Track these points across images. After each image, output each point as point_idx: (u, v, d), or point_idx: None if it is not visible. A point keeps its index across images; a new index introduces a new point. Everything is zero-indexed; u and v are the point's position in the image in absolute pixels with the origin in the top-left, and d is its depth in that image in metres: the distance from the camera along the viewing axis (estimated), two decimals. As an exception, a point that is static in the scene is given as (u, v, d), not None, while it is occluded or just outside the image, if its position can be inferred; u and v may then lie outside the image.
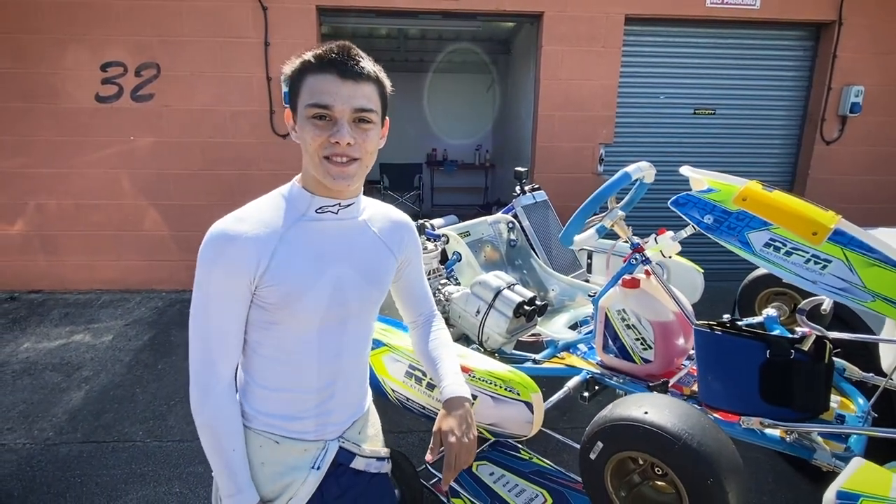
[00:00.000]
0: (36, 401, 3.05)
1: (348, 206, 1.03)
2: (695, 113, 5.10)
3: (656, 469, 1.24)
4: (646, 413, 1.19)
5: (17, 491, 2.34)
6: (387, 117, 1.03)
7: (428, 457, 1.08)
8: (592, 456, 1.27)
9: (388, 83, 1.01)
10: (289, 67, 0.96)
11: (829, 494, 0.98)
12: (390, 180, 7.94)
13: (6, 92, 4.33)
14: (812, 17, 4.78)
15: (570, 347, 2.12)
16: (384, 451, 1.21)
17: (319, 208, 1.00)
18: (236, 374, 1.07)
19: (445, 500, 2.06)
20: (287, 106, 1.00)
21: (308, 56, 0.93)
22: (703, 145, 5.17)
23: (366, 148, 0.96)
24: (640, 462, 1.27)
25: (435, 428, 1.10)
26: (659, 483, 1.27)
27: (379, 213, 1.13)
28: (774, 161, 5.28)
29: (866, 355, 1.97)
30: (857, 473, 1.03)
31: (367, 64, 0.94)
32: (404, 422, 2.74)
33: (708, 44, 4.94)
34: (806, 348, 1.39)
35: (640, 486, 1.26)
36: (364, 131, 0.95)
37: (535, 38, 4.92)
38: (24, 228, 4.61)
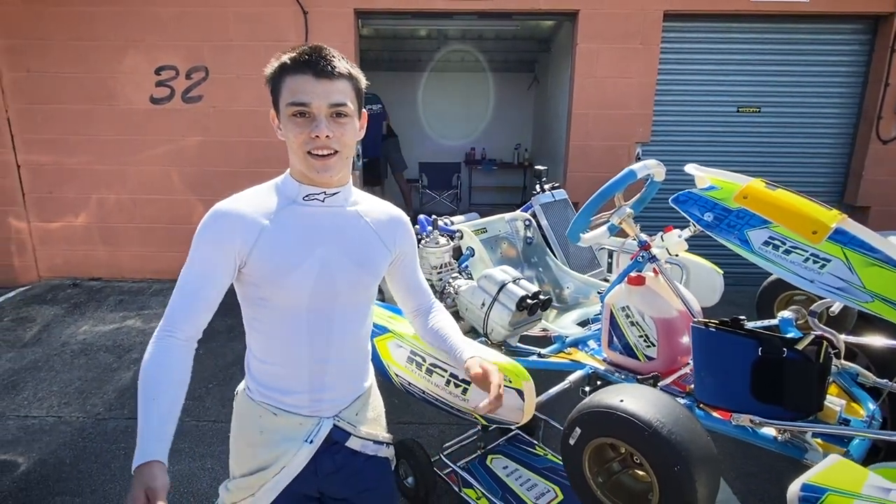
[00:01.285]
0: (90, 378, 3.32)
1: (334, 194, 1.10)
2: (738, 111, 4.93)
3: (635, 458, 1.26)
4: (621, 401, 1.22)
5: (70, 459, 2.57)
6: (363, 110, 1.11)
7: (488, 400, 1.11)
8: (571, 441, 1.31)
9: (361, 78, 1.08)
10: (268, 69, 1.05)
11: (794, 487, 0.99)
12: (429, 179, 8.05)
13: (71, 95, 4.71)
14: (868, 10, 4.53)
15: (578, 343, 2.14)
16: (383, 436, 1.25)
17: (306, 196, 1.09)
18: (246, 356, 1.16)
19: (458, 490, 2.12)
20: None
21: (285, 59, 1.02)
22: (747, 145, 4.99)
23: (343, 140, 1.04)
24: (622, 451, 1.30)
25: (475, 372, 1.16)
26: (639, 472, 1.29)
27: (374, 207, 1.19)
28: (825, 161, 5.03)
29: (892, 360, 1.90)
30: (828, 469, 1.02)
31: (340, 63, 1.02)
32: (426, 413, 2.82)
33: (752, 39, 4.77)
34: (801, 348, 1.37)
35: (619, 474, 1.29)
36: (341, 125, 1.03)
37: (571, 36, 4.89)
38: (87, 220, 4.99)
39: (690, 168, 1.70)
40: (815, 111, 4.91)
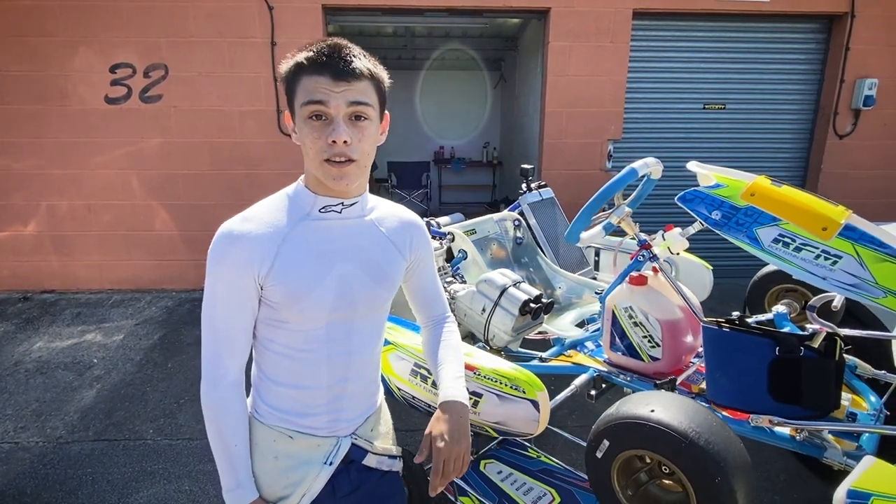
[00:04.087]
0: (48, 399, 3.08)
1: (352, 205, 1.03)
2: (704, 108, 5.04)
3: (663, 467, 1.22)
4: (652, 411, 1.18)
5: (30, 489, 2.37)
6: (386, 112, 1.03)
7: (417, 458, 1.07)
8: (599, 454, 1.26)
9: (384, 77, 1.00)
10: (284, 67, 0.96)
11: (840, 493, 0.97)
12: (398, 178, 7.95)
13: (18, 94, 4.39)
14: (824, 10, 4.70)
15: (577, 345, 2.10)
16: (396, 450, 1.21)
17: (323, 208, 1.01)
18: (250, 370, 1.08)
19: (453, 499, 2.05)
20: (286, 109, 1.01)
21: (301, 58, 0.93)
22: (713, 140, 5.11)
23: (362, 148, 0.96)
24: (648, 460, 1.26)
25: (427, 430, 1.09)
26: (666, 482, 1.25)
27: (389, 213, 1.12)
28: (786, 156, 5.21)
29: (880, 352, 1.94)
30: (868, 472, 1.01)
31: (360, 62, 0.93)
32: (413, 420, 2.74)
33: (717, 38, 4.88)
34: (816, 345, 1.37)
35: (647, 485, 1.25)
36: (360, 129, 0.94)
37: (542, 34, 4.89)
38: (37, 229, 4.67)
39: (692, 165, 1.68)
40: (776, 107, 5.07)
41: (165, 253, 4.79)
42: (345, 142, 0.92)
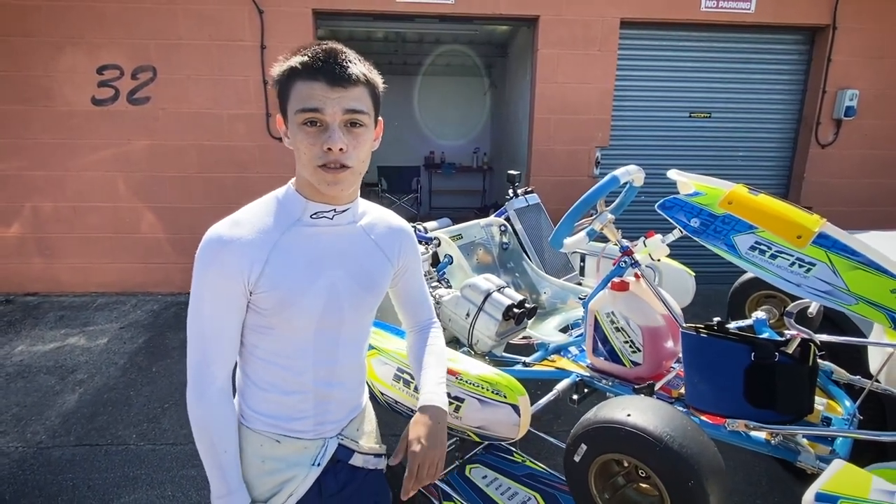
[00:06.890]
0: (29, 404, 3.05)
1: (343, 211, 1.03)
2: (690, 116, 5.11)
3: (640, 471, 1.24)
4: (628, 415, 1.19)
5: (9, 494, 2.34)
6: (380, 118, 1.02)
7: (392, 460, 1.09)
8: (576, 458, 1.27)
9: (379, 82, 0.99)
10: (276, 70, 0.95)
11: (808, 496, 0.99)
12: (388, 183, 7.96)
13: (1, 94, 4.34)
14: (806, 22, 4.79)
15: (560, 350, 2.12)
16: (381, 448, 1.22)
17: (314, 214, 1.00)
18: (235, 375, 1.08)
19: (437, 503, 2.05)
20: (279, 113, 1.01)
21: (295, 62, 0.92)
22: (699, 148, 5.18)
23: (358, 156, 0.95)
24: (625, 464, 1.28)
25: (404, 433, 1.10)
26: (643, 485, 1.27)
27: (378, 219, 1.12)
28: (769, 164, 5.29)
29: (856, 358, 1.98)
30: (836, 475, 1.03)
31: (356, 67, 0.92)
32: (398, 424, 2.74)
33: (703, 47, 4.95)
34: (791, 351, 1.40)
35: (625, 489, 1.26)
36: (356, 136, 0.94)
37: (532, 42, 4.94)
38: (20, 231, 4.62)
39: (673, 174, 1.71)
40: (760, 116, 5.15)
41: (151, 256, 4.75)
42: (340, 149, 0.91)
